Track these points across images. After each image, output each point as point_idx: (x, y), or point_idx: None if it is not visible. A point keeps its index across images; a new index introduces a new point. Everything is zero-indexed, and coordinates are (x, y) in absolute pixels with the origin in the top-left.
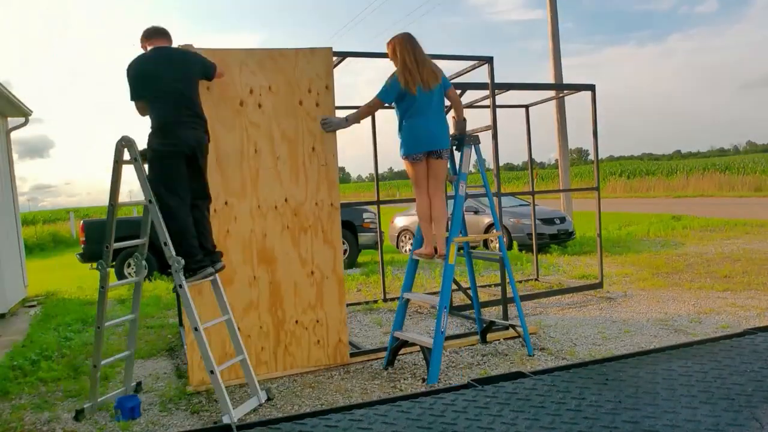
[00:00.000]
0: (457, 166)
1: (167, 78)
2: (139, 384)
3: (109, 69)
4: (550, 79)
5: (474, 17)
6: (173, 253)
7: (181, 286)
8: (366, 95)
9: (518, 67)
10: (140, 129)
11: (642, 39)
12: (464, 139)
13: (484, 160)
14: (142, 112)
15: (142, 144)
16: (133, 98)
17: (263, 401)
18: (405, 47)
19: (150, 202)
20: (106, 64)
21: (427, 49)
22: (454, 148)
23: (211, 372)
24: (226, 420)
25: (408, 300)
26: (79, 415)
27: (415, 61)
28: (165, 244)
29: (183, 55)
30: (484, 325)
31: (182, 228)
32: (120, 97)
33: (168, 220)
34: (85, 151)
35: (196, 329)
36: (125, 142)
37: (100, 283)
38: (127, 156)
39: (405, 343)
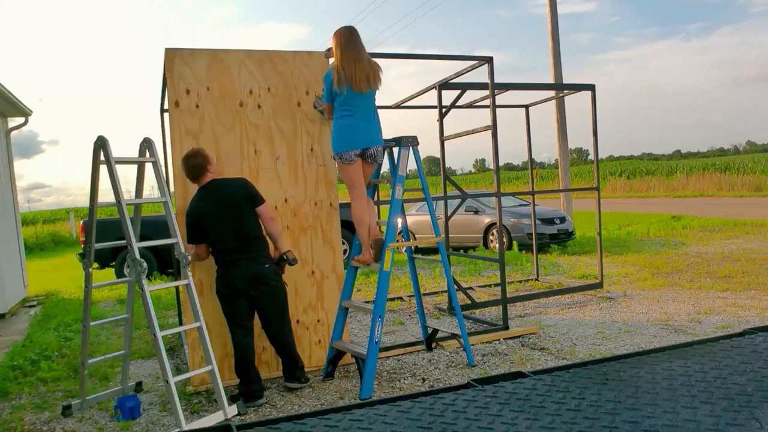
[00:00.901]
0: (396, 169)
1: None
2: (139, 384)
3: (106, 62)
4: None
5: (519, 11)
6: (181, 249)
7: (143, 289)
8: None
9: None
10: (138, 127)
11: (691, 32)
12: (402, 141)
13: (423, 165)
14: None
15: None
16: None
17: (230, 417)
18: (339, 43)
19: (165, 202)
20: (103, 60)
21: (446, 44)
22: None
23: (166, 381)
24: None
25: (347, 309)
26: (65, 410)
27: (347, 58)
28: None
29: (228, 187)
30: (429, 332)
31: (240, 356)
32: (119, 96)
33: (233, 346)
34: (86, 148)
35: (154, 336)
36: (100, 143)
37: (84, 282)
38: (103, 156)
39: (343, 354)
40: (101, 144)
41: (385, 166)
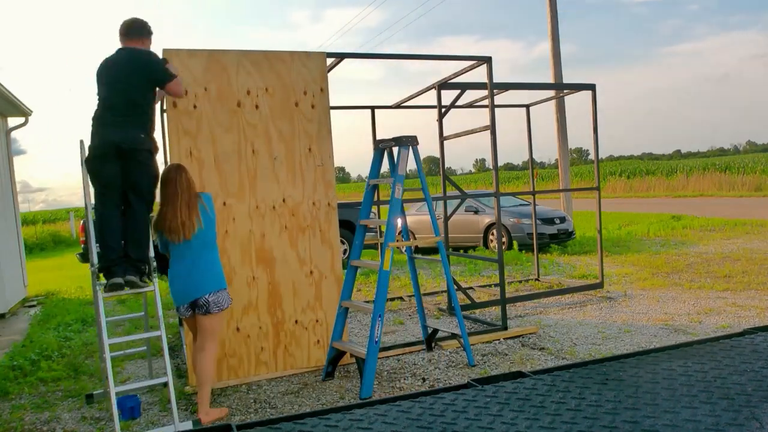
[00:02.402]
0: (395, 168)
1: (106, 80)
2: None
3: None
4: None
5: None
6: (151, 254)
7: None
8: (364, 95)
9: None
10: None
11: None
12: (401, 140)
13: (422, 165)
14: None
15: None
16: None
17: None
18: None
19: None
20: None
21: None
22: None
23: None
24: None
25: (347, 308)
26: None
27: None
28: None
29: (132, 58)
30: (429, 332)
31: (103, 230)
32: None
33: (97, 223)
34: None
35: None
36: (81, 144)
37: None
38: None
39: (343, 354)
40: (81, 146)
41: (385, 166)
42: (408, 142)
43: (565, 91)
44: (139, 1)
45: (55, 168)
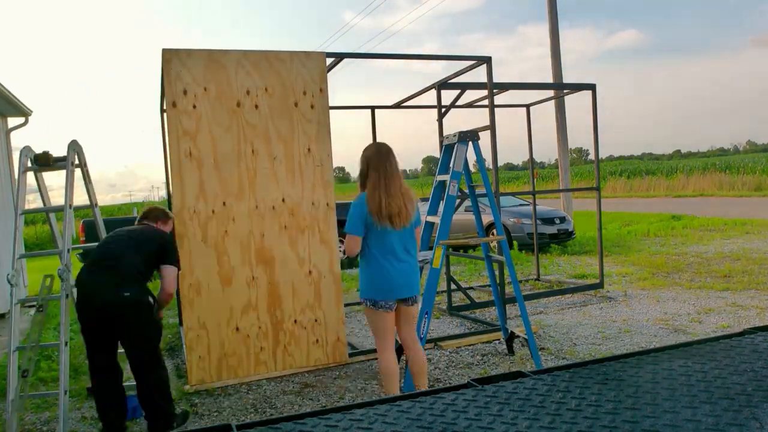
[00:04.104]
0: (452, 164)
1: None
2: None
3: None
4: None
5: None
6: (67, 261)
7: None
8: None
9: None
10: (138, 127)
11: None
12: (460, 135)
13: (484, 160)
14: None
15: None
16: None
17: None
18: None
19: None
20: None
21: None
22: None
23: (65, 392)
24: None
25: None
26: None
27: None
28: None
29: (146, 235)
30: (508, 334)
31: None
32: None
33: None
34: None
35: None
36: (76, 147)
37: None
38: (76, 160)
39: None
40: (77, 149)
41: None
42: (466, 137)
43: (565, 91)
44: (139, 1)
45: None
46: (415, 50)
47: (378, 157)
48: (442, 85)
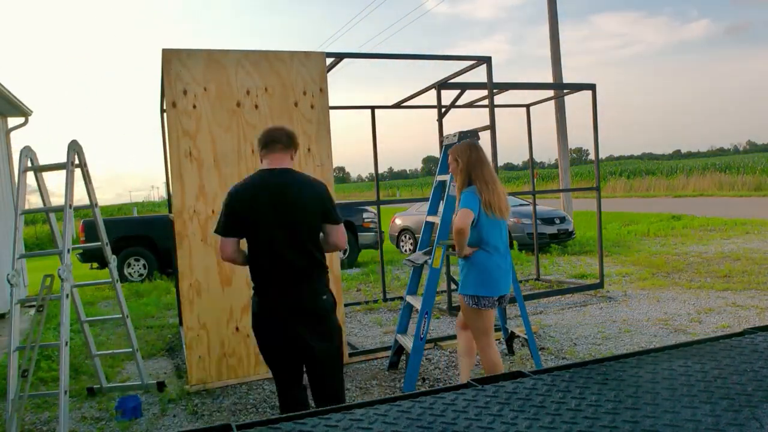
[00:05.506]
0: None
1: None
2: (161, 383)
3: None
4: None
5: None
6: (67, 261)
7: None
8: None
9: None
10: (139, 127)
11: None
12: (459, 135)
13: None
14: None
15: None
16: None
17: None
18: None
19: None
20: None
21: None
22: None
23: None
24: None
25: (411, 303)
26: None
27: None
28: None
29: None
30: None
31: None
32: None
33: None
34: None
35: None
36: (76, 147)
37: (110, 276)
38: (76, 160)
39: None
40: (77, 149)
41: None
42: (466, 137)
43: (565, 91)
44: (139, 1)
45: None
46: (414, 50)
47: (477, 153)
48: (442, 85)
